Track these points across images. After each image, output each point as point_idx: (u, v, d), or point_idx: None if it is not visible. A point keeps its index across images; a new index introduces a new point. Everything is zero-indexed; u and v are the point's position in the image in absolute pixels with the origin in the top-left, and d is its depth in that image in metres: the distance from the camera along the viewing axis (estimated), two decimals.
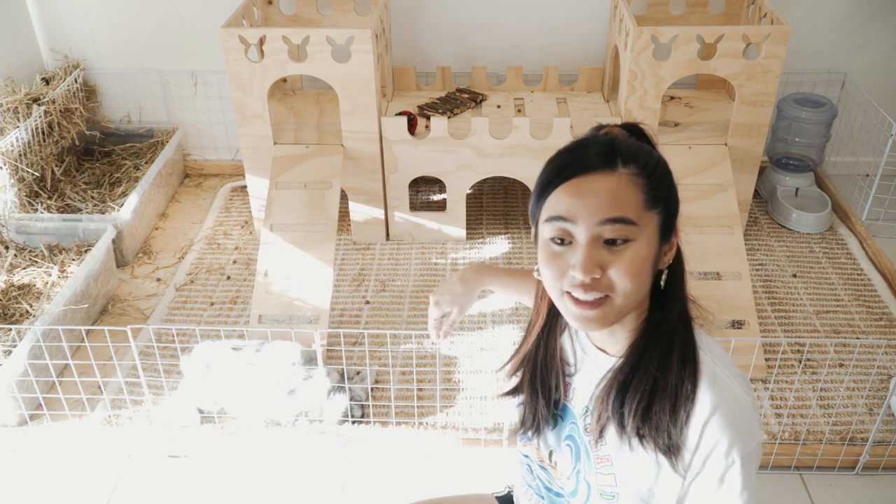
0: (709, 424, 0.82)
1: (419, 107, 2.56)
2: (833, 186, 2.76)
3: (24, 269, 2.20)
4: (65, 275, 2.17)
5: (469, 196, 2.65)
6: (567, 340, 0.99)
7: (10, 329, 1.90)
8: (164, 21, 2.74)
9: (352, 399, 1.84)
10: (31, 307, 2.06)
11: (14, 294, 2.11)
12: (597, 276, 0.81)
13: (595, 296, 0.82)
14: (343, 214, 2.58)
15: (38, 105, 2.49)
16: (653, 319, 0.88)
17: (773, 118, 2.66)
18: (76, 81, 2.70)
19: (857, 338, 2.12)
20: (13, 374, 1.79)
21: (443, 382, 1.96)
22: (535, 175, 0.86)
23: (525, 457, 1.07)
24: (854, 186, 2.76)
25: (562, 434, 0.98)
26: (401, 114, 2.45)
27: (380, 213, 2.50)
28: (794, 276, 2.37)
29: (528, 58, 2.76)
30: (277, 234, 2.17)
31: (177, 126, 2.90)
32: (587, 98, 2.65)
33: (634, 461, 0.87)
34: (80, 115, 2.69)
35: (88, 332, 2.14)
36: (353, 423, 1.83)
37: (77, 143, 2.78)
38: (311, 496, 1.73)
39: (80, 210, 2.53)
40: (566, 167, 0.83)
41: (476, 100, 2.60)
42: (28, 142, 2.44)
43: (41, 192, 2.53)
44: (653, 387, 0.85)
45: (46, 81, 2.66)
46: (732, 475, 0.82)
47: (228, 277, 2.40)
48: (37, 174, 2.49)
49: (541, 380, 0.98)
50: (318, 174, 2.28)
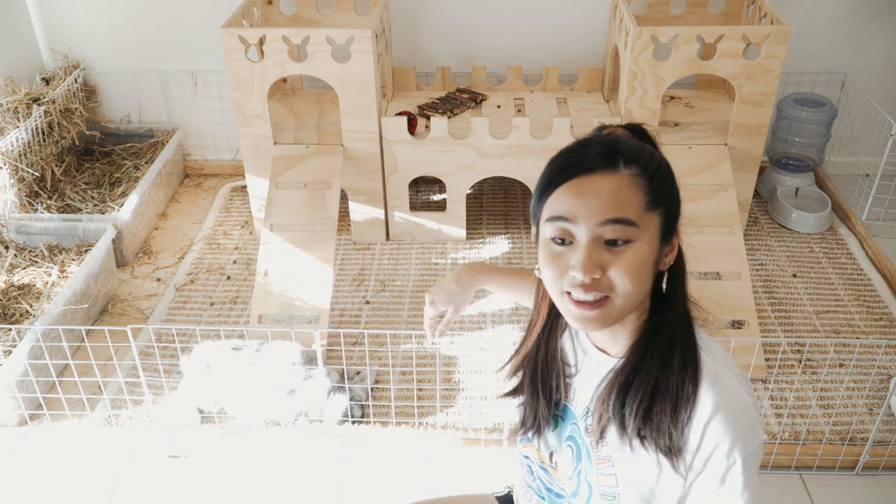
0: (710, 425, 0.82)
1: (419, 107, 2.56)
2: (833, 186, 2.76)
3: (24, 269, 2.20)
4: (65, 275, 2.17)
5: (469, 196, 2.65)
6: (567, 341, 0.99)
7: (10, 329, 1.90)
8: (164, 21, 2.74)
9: (352, 399, 1.84)
10: (31, 307, 2.06)
11: (14, 294, 2.11)
12: (597, 277, 0.81)
13: (595, 296, 0.82)
14: (343, 214, 2.58)
15: (38, 105, 2.49)
16: (654, 320, 0.88)
17: (773, 118, 2.66)
18: (76, 81, 2.70)
19: (857, 338, 2.12)
20: (13, 374, 1.79)
21: (443, 382, 1.96)
22: (536, 175, 0.86)
23: (525, 458, 1.07)
24: (854, 186, 2.76)
25: (563, 435, 0.98)
26: (401, 114, 2.45)
27: (380, 213, 2.50)
28: (794, 276, 2.37)
29: (528, 58, 2.76)
30: (277, 234, 2.17)
31: (177, 126, 2.90)
32: (587, 98, 2.65)
33: (635, 462, 0.87)
34: (80, 115, 2.69)
35: (88, 332, 2.14)
36: (353, 423, 1.83)
37: (77, 143, 2.78)
38: (311, 496, 1.73)
39: (80, 210, 2.53)
40: (568, 167, 0.83)
41: (476, 100, 2.60)
42: (28, 142, 2.43)
43: (41, 192, 2.53)
44: (654, 388, 0.85)
45: (46, 81, 2.66)
46: (734, 475, 0.82)
47: (228, 277, 2.40)
48: (37, 174, 2.49)
49: (541, 380, 0.98)
50: (318, 174, 2.28)
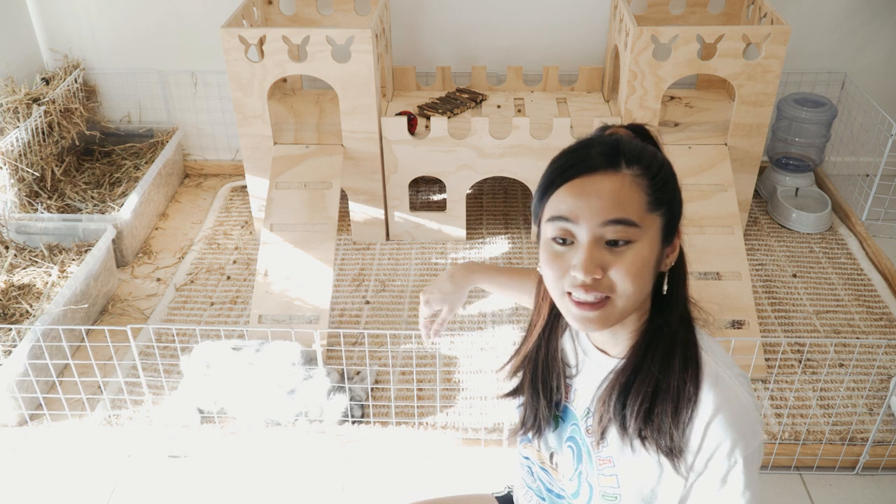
0: (711, 425, 0.82)
1: (419, 107, 2.56)
2: (833, 186, 2.76)
3: (24, 269, 2.20)
4: (65, 275, 2.17)
5: (469, 196, 2.65)
6: (568, 342, 0.99)
7: (10, 329, 1.90)
8: (164, 21, 2.74)
9: (352, 399, 1.84)
10: (31, 307, 2.06)
11: (14, 294, 2.11)
12: (598, 277, 0.81)
13: (596, 297, 0.82)
14: (343, 214, 2.58)
15: (38, 105, 2.49)
16: (654, 321, 0.88)
17: (773, 118, 2.66)
18: (76, 81, 2.70)
19: (857, 338, 2.12)
20: (13, 374, 1.79)
21: (443, 382, 1.96)
22: (536, 175, 0.86)
23: (525, 458, 1.07)
24: (854, 186, 2.76)
25: (563, 435, 0.98)
26: (401, 114, 2.45)
27: (380, 213, 2.50)
28: (794, 276, 2.37)
29: (528, 58, 2.75)
30: (277, 234, 2.17)
31: (177, 126, 2.90)
32: (587, 98, 2.65)
33: (636, 462, 0.87)
34: (80, 115, 2.69)
35: (88, 332, 2.14)
36: (353, 423, 1.83)
37: (77, 143, 2.78)
38: (311, 496, 1.73)
39: (80, 210, 2.53)
40: (569, 167, 0.82)
41: (476, 100, 2.60)
42: (28, 142, 2.43)
43: (41, 192, 2.53)
44: (655, 388, 0.84)
45: (46, 81, 2.66)
46: (735, 475, 0.82)
47: (228, 277, 2.40)
48: (37, 174, 2.49)
49: (542, 380, 0.98)
50: (318, 174, 2.28)
